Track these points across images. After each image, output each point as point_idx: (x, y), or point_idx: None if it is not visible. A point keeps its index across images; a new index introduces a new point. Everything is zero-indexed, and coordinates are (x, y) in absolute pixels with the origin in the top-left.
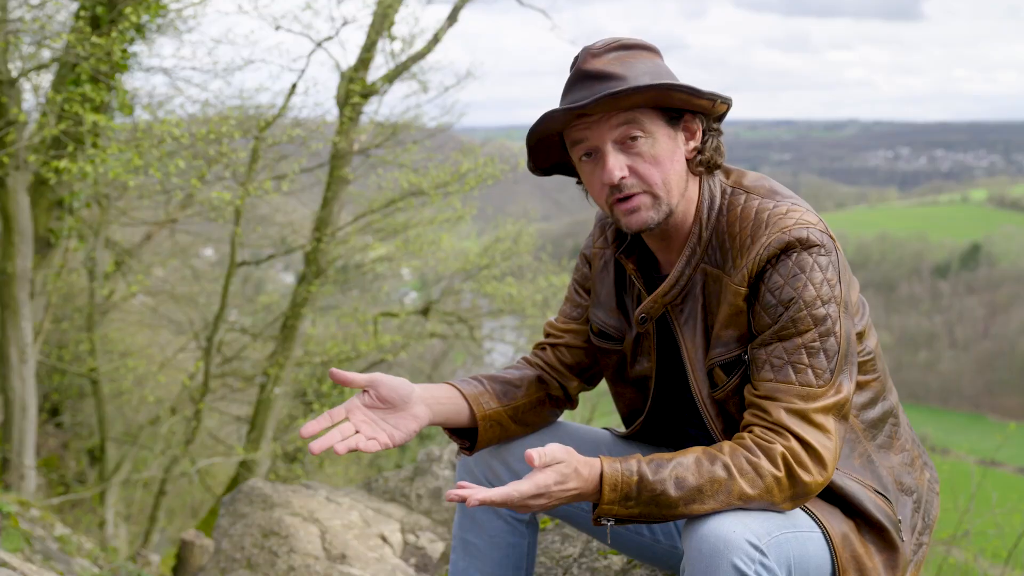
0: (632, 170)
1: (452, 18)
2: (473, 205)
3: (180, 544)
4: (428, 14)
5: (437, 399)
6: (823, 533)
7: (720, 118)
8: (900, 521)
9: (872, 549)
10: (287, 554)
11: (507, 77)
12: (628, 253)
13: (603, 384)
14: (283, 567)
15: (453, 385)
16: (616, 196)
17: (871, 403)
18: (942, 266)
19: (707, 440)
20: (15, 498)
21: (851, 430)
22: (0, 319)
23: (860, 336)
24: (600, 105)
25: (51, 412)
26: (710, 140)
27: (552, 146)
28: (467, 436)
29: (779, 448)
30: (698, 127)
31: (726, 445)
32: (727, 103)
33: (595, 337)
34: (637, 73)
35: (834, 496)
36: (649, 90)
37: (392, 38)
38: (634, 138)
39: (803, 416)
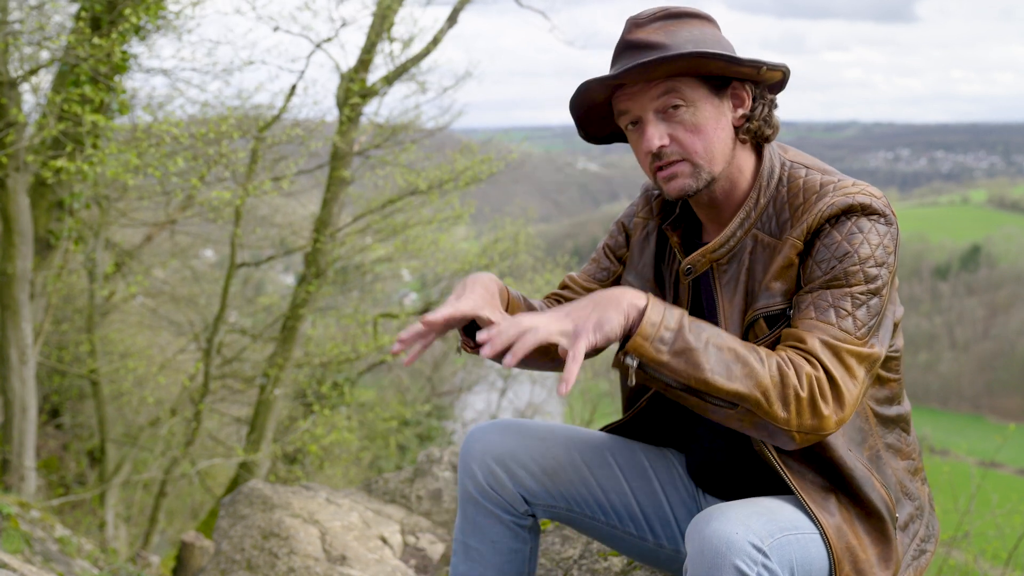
0: (673, 138)
1: (451, 20)
2: (471, 203)
3: (180, 545)
4: (427, 15)
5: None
6: (818, 528)
7: (776, 87)
8: (897, 518)
9: (866, 541)
10: (287, 555)
11: (506, 77)
12: (675, 226)
13: (603, 384)
14: (283, 568)
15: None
16: (657, 164)
17: (888, 401)
18: (942, 267)
19: (712, 433)
20: (15, 499)
21: (865, 421)
22: (0, 320)
23: (895, 328)
24: (633, 75)
25: (51, 413)
26: (759, 109)
27: (606, 116)
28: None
29: (808, 370)
30: (747, 95)
31: (762, 348)
32: (780, 70)
33: None
34: (680, 41)
35: (838, 477)
36: (680, 59)
37: (391, 40)
38: (675, 107)
39: (835, 352)
